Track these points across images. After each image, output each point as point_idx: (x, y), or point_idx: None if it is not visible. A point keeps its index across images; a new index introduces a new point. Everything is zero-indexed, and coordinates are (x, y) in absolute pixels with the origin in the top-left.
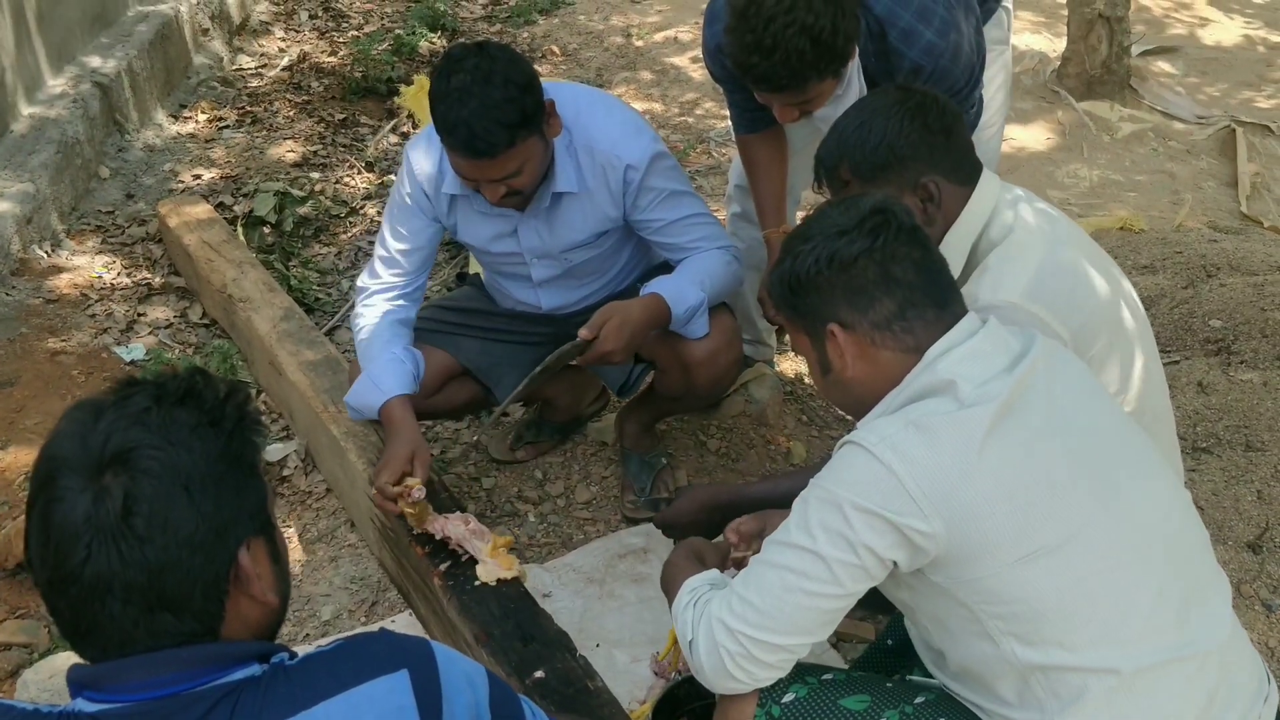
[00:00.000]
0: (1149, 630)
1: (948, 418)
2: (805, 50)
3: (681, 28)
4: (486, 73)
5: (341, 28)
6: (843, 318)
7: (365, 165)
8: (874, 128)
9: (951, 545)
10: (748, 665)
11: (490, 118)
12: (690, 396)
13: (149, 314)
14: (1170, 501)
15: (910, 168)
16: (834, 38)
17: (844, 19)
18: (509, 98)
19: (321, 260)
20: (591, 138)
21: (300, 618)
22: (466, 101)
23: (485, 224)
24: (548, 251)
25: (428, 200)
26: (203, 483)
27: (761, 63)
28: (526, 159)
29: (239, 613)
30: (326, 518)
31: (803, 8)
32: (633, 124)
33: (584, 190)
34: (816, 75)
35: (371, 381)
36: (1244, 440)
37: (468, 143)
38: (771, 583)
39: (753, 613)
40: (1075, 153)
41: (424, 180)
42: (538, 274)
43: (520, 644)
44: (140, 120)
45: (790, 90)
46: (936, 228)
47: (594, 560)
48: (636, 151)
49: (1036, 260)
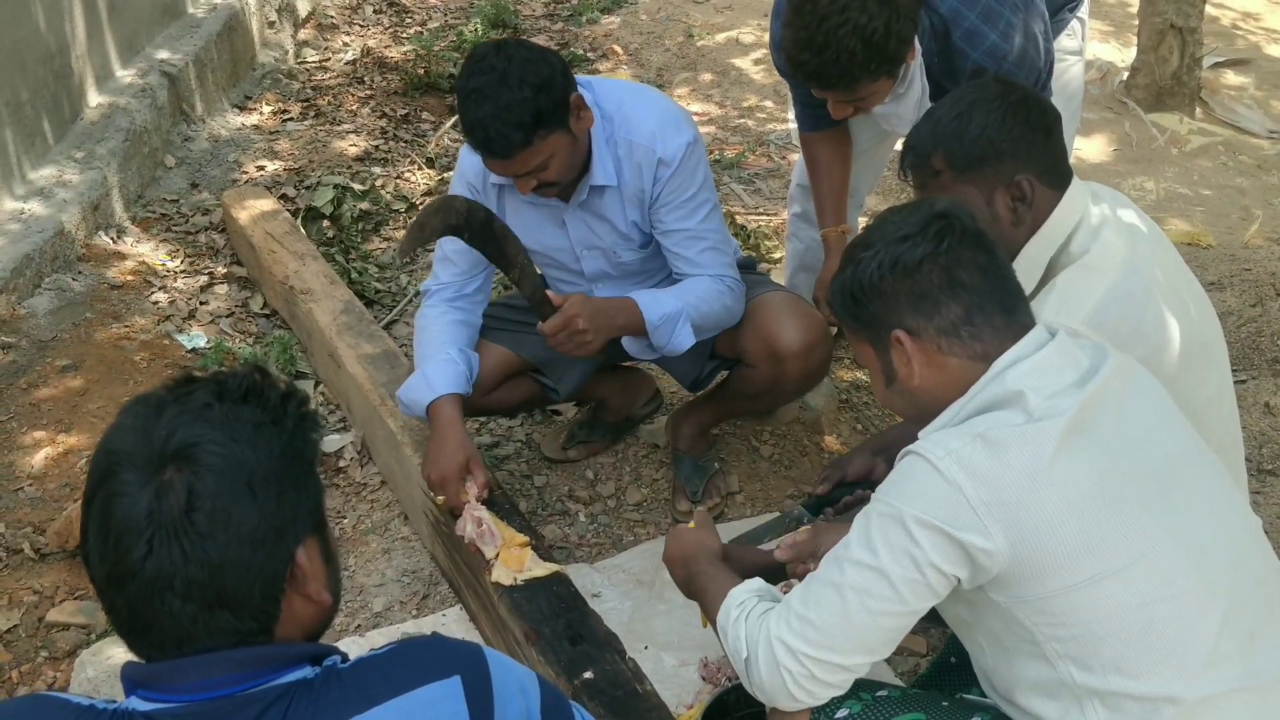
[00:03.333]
0: (1212, 659)
1: (1016, 431)
2: (856, 50)
3: (744, 29)
4: (502, 73)
5: (405, 23)
6: (909, 324)
7: (426, 161)
8: (974, 119)
9: (1014, 563)
10: (809, 685)
11: (504, 119)
12: (774, 393)
13: (210, 303)
14: (1239, 528)
15: (1006, 163)
16: (886, 39)
17: (898, 21)
18: (522, 99)
19: (381, 255)
20: (633, 131)
21: (352, 609)
22: (482, 103)
23: (533, 213)
24: (596, 243)
25: (479, 196)
26: (265, 480)
27: (813, 60)
28: (552, 154)
29: (293, 612)
30: (381, 510)
31: (856, 8)
32: (673, 119)
33: (623, 183)
34: (868, 75)
35: (424, 379)
36: None
37: (484, 144)
38: (834, 601)
39: (814, 632)
40: (1142, 165)
41: (472, 176)
42: (589, 267)
43: (569, 644)
44: (206, 111)
45: (841, 88)
46: (1024, 229)
47: (644, 562)
48: (671, 146)
49: (1106, 286)
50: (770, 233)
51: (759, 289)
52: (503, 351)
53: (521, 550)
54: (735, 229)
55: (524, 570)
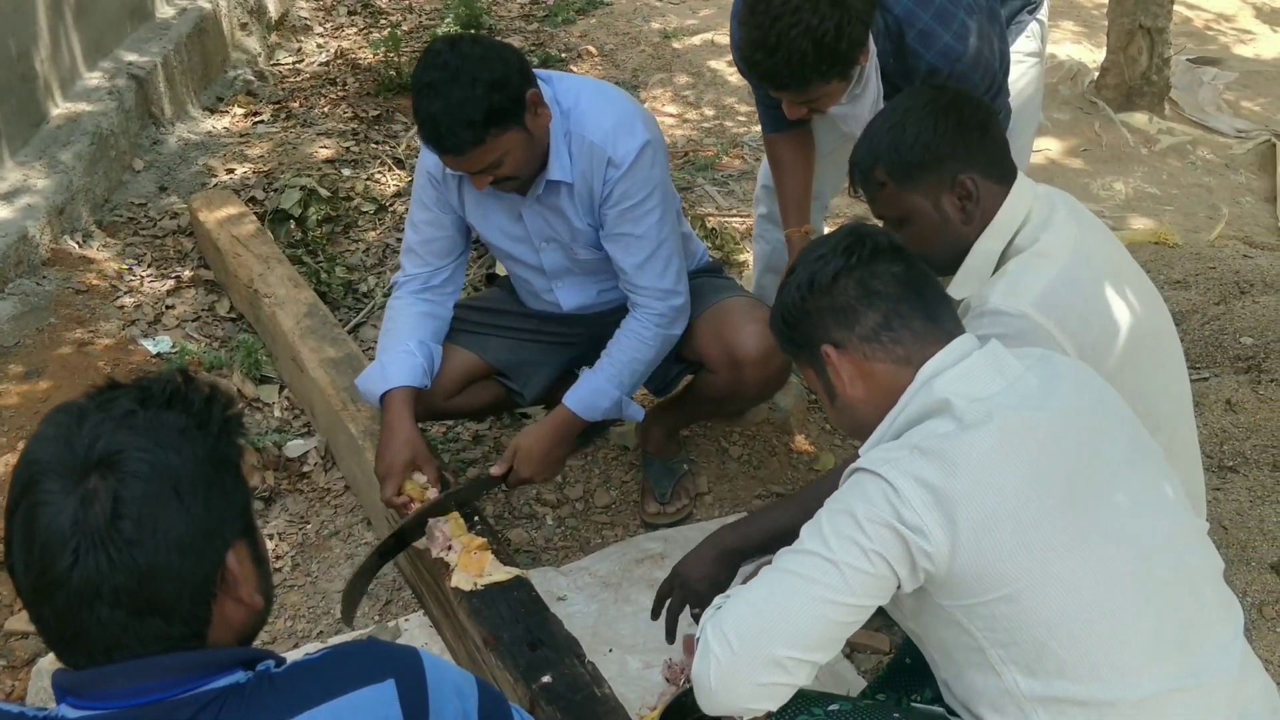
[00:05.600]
0: (1150, 660)
1: (950, 440)
2: (807, 51)
3: (720, 31)
4: (455, 70)
5: (379, 24)
6: (834, 337)
7: (396, 162)
8: (907, 127)
9: (955, 564)
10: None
11: (456, 116)
12: (735, 399)
13: (177, 307)
14: (1179, 529)
15: (947, 166)
16: (837, 41)
17: (850, 23)
18: (474, 97)
19: (349, 256)
20: (588, 128)
21: (315, 614)
22: (434, 99)
23: (493, 203)
24: (553, 236)
25: (440, 186)
26: (191, 485)
27: (765, 60)
28: (506, 151)
29: (225, 616)
30: (344, 515)
31: (808, 9)
32: (628, 119)
33: (579, 180)
34: (819, 77)
35: (380, 369)
36: (1271, 460)
37: (436, 140)
38: (779, 585)
39: (753, 614)
40: (1111, 164)
41: (432, 166)
42: (548, 262)
43: (529, 648)
44: (175, 114)
45: (793, 89)
46: (974, 226)
47: (610, 565)
48: (624, 148)
49: (1054, 272)
50: (741, 235)
51: (721, 294)
52: (467, 355)
53: (481, 554)
54: (705, 232)
55: (484, 575)
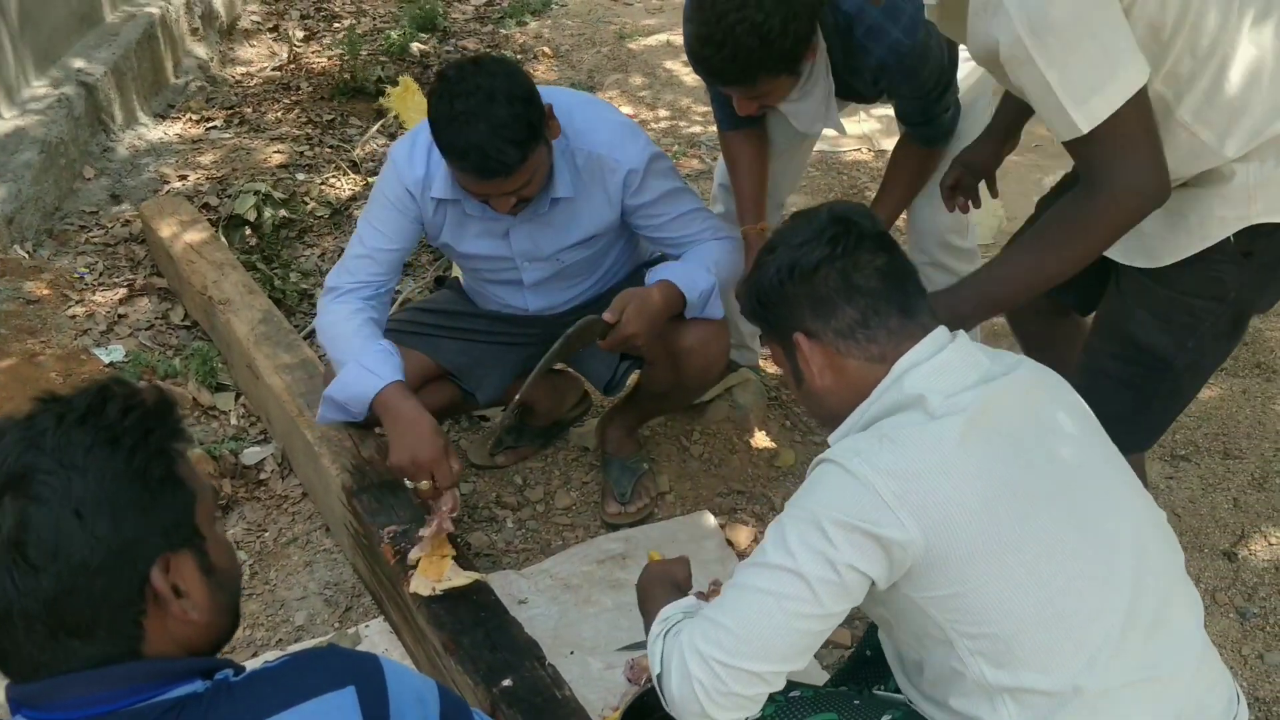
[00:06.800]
0: (1116, 652)
1: (919, 429)
2: (753, 47)
3: (675, 31)
4: (490, 91)
5: (333, 28)
6: (808, 327)
7: (351, 166)
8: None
9: (927, 554)
10: (720, 698)
11: (501, 137)
12: (678, 390)
13: (130, 315)
14: (1141, 520)
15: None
16: (783, 37)
17: (795, 19)
18: (515, 115)
19: (305, 261)
20: (590, 142)
21: (274, 622)
22: (475, 124)
23: (476, 227)
24: (539, 254)
25: (412, 202)
26: (96, 505)
27: (713, 56)
28: (536, 168)
29: (164, 630)
30: (302, 522)
31: (753, 6)
32: (627, 128)
33: (579, 194)
34: (766, 72)
35: (363, 370)
36: (1222, 448)
37: (481, 165)
38: (748, 605)
39: (728, 638)
40: (1063, 159)
41: (410, 183)
42: (529, 277)
43: (489, 652)
44: (126, 121)
45: (741, 85)
46: None
47: (571, 566)
48: (635, 155)
49: None
50: None
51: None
52: (419, 358)
53: (441, 560)
54: None
55: (443, 580)
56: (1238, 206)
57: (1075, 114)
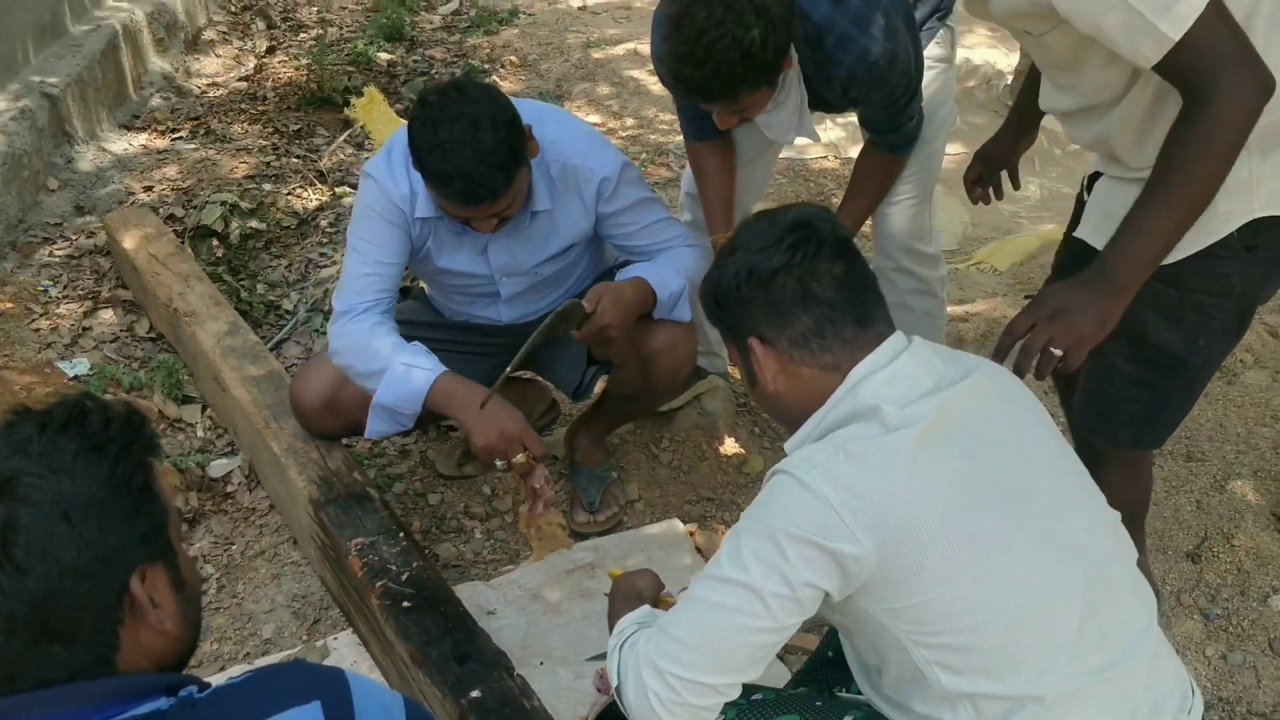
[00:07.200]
0: (1072, 656)
1: (875, 442)
2: (736, 63)
3: (641, 40)
4: (474, 119)
5: (299, 38)
6: (763, 333)
7: (318, 176)
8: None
9: (881, 568)
10: (676, 709)
11: (487, 164)
12: (646, 393)
13: (95, 328)
14: (1095, 522)
15: None
16: (764, 50)
17: (774, 32)
18: (500, 140)
19: (272, 273)
20: (563, 152)
21: (241, 636)
22: (460, 151)
23: (456, 242)
24: (517, 269)
25: (403, 217)
26: (84, 509)
27: (695, 74)
28: (519, 190)
29: (138, 642)
30: (270, 534)
31: (732, 21)
32: (597, 137)
33: (556, 205)
34: (748, 86)
35: (409, 369)
36: (1185, 451)
37: (467, 192)
38: (703, 619)
39: (683, 651)
40: (1026, 166)
41: (398, 198)
42: (506, 290)
43: (457, 663)
44: (90, 132)
45: (724, 100)
46: None
47: (540, 577)
48: (609, 163)
49: None
50: None
51: None
52: None
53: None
54: None
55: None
56: (1240, 200)
57: (1162, 23)
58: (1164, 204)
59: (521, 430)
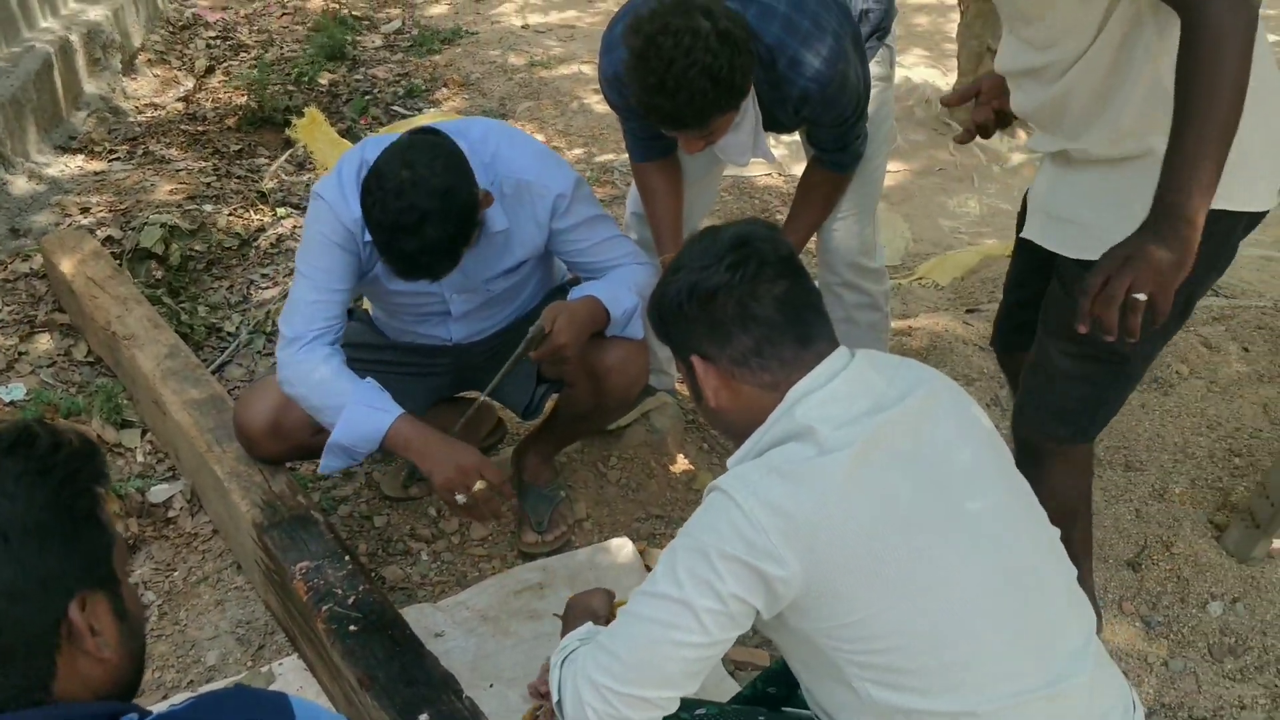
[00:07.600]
0: (1007, 672)
1: (808, 464)
2: (707, 90)
3: (584, 60)
4: (423, 212)
5: (239, 58)
6: (705, 350)
7: (259, 197)
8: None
9: (809, 588)
10: None
11: (435, 253)
12: (598, 411)
13: (31, 352)
14: (1035, 539)
15: None
16: (732, 75)
17: (739, 55)
18: (449, 234)
19: (213, 295)
20: (516, 169)
21: (185, 663)
22: (407, 241)
23: None
24: (468, 285)
25: (353, 240)
26: (24, 532)
27: (667, 103)
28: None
29: (76, 670)
30: (213, 560)
31: (700, 49)
32: (549, 154)
33: (513, 224)
34: (719, 111)
35: (369, 409)
36: (1124, 460)
37: (421, 271)
38: (638, 634)
39: (619, 665)
40: (965, 184)
41: (349, 221)
42: (457, 308)
43: (405, 686)
44: (25, 153)
45: (695, 126)
46: None
47: (488, 598)
48: (562, 180)
49: None
50: None
51: None
52: None
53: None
54: None
55: None
56: None
57: None
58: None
59: (478, 461)
